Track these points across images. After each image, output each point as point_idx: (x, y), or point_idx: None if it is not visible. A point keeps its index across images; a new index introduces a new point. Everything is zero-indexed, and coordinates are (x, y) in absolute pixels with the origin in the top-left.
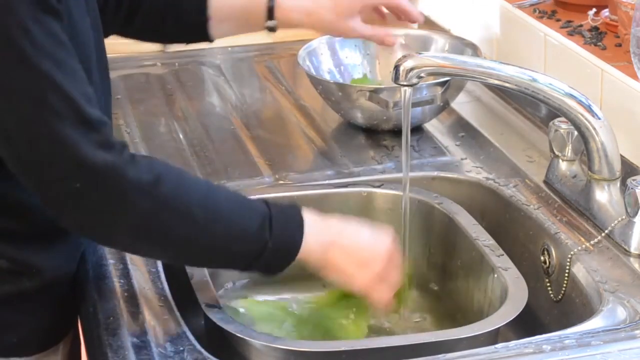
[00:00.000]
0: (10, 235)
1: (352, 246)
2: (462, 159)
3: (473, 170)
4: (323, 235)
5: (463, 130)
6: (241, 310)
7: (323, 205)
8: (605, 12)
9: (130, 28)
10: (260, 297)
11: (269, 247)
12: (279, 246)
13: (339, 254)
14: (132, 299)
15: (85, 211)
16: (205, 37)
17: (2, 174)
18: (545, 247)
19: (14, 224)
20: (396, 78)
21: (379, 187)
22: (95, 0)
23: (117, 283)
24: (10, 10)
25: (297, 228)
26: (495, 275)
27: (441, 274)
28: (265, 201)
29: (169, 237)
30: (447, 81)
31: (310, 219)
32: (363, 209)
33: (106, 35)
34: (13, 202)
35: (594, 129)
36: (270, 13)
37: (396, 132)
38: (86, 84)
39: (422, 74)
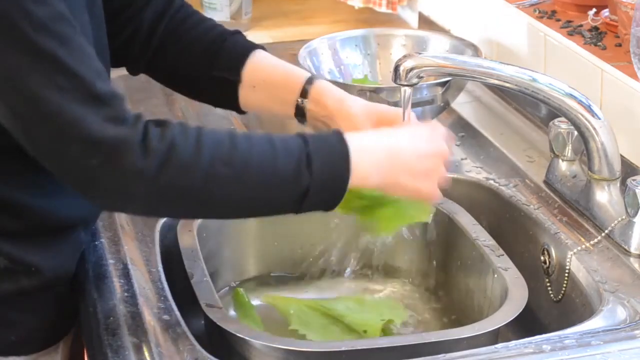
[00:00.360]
0: (9, 234)
1: (411, 161)
2: (462, 159)
3: (473, 170)
4: (375, 159)
5: (463, 130)
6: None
7: None
8: (605, 12)
9: (157, 69)
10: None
11: (311, 188)
12: (324, 184)
13: (398, 172)
14: (132, 299)
15: (105, 187)
16: (235, 101)
17: (3, 173)
18: (545, 247)
19: (13, 223)
20: (396, 78)
21: None
22: (100, 4)
23: (117, 283)
24: None
25: (341, 159)
26: (495, 275)
27: (441, 274)
28: (303, 136)
29: (196, 200)
30: (447, 81)
31: (357, 144)
32: None
33: (134, 74)
34: (12, 201)
35: (594, 129)
36: (305, 92)
37: None
38: (94, 59)
39: (422, 74)
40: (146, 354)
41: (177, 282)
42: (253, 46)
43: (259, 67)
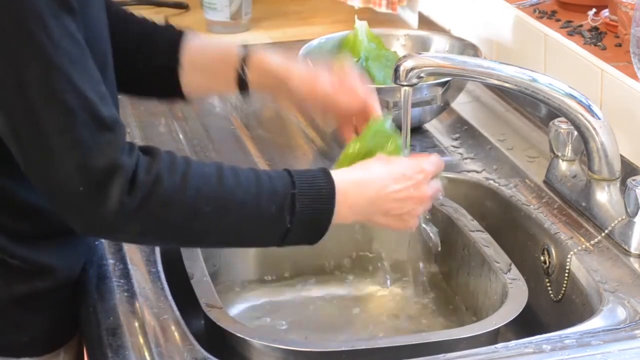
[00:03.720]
0: (22, 236)
1: (388, 205)
2: (462, 159)
3: (473, 170)
4: (355, 203)
5: (463, 130)
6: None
7: None
8: (605, 12)
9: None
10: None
11: (292, 229)
12: (305, 226)
13: (374, 213)
14: (132, 299)
15: (86, 214)
16: (177, 86)
17: (14, 174)
18: (545, 247)
19: (26, 225)
20: (396, 78)
21: None
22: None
23: (117, 283)
24: (30, 5)
25: (326, 201)
26: (495, 276)
27: (441, 274)
28: (290, 174)
29: (176, 234)
30: (447, 81)
31: (342, 189)
32: None
33: None
34: (25, 203)
35: (594, 129)
36: (244, 59)
37: None
38: (101, 83)
39: (422, 74)
40: (146, 354)
41: (177, 282)
42: (183, 31)
43: (195, 48)
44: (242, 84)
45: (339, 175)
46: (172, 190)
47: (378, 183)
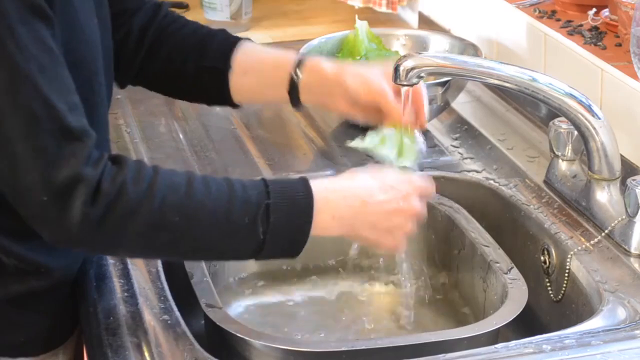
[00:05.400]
0: (18, 235)
1: (375, 217)
2: (462, 159)
3: (473, 170)
4: (338, 212)
5: (463, 130)
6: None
7: None
8: (605, 12)
9: (149, 69)
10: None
11: (267, 240)
12: (282, 235)
13: (360, 226)
14: (132, 299)
15: (50, 224)
16: (227, 91)
17: None
18: (545, 247)
19: (22, 224)
20: (396, 78)
21: None
22: (107, 3)
23: (117, 283)
24: None
25: (303, 212)
26: (495, 275)
27: (441, 274)
28: (266, 184)
29: (146, 245)
30: (447, 81)
31: (322, 195)
32: None
33: (123, 85)
34: None
35: (594, 128)
36: (299, 64)
37: None
38: (72, 93)
39: (422, 74)
40: (146, 354)
41: (177, 282)
42: (241, 38)
43: (249, 53)
44: (294, 91)
45: (320, 184)
46: (136, 199)
47: (364, 192)
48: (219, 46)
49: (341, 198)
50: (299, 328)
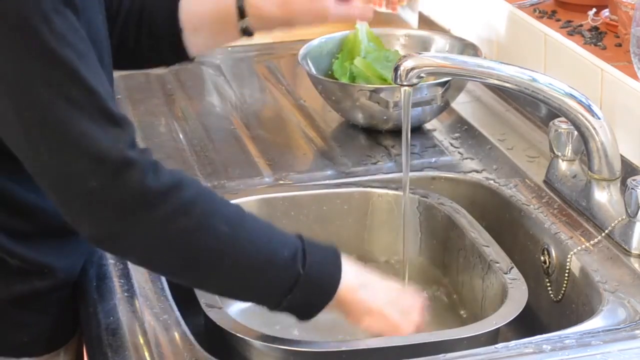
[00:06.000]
0: (22, 235)
1: (394, 292)
2: (462, 159)
3: (473, 170)
4: (362, 275)
5: (463, 130)
6: None
7: (323, 205)
8: (605, 12)
9: (123, 48)
10: None
11: (302, 277)
12: (314, 278)
13: (381, 297)
14: (132, 299)
15: (100, 214)
16: (183, 51)
17: (14, 174)
18: (545, 247)
19: (25, 224)
20: (396, 78)
21: (378, 187)
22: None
23: (117, 283)
24: (32, 1)
25: (333, 261)
26: (495, 275)
27: (441, 274)
28: (299, 235)
29: (189, 249)
30: (447, 81)
31: (346, 258)
32: (363, 209)
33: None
34: (24, 202)
35: (594, 128)
36: (242, 12)
37: (396, 132)
38: (106, 82)
39: (422, 74)
40: (146, 354)
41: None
42: None
43: (191, 8)
44: (244, 25)
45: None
46: (191, 195)
47: (372, 286)
48: (163, 13)
49: (358, 265)
50: (299, 328)
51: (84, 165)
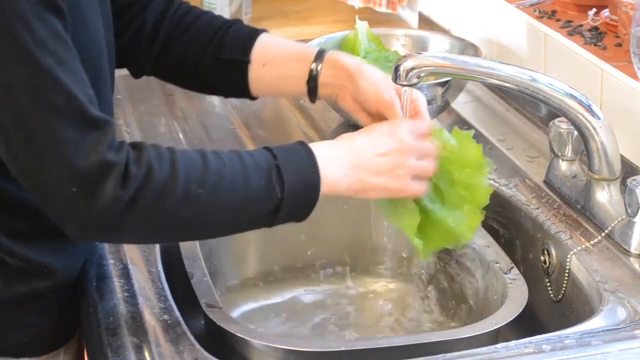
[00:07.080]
0: (22, 236)
1: (373, 162)
2: None
3: None
4: (340, 166)
5: (463, 130)
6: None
7: (322, 204)
8: (605, 12)
9: (165, 62)
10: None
11: (285, 199)
12: (296, 195)
13: (363, 175)
14: (132, 299)
15: (81, 215)
16: (245, 84)
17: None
18: (545, 247)
19: (25, 224)
20: (396, 78)
21: None
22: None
23: (117, 283)
24: (13, 6)
25: (310, 169)
26: (495, 275)
27: (441, 274)
28: (270, 149)
29: (173, 224)
30: (447, 81)
31: (322, 154)
32: (363, 208)
33: (139, 75)
34: (24, 203)
35: (594, 129)
36: (319, 56)
37: None
38: (88, 86)
39: (422, 74)
40: (146, 354)
41: (177, 282)
42: (259, 30)
43: (268, 45)
44: (312, 83)
45: (316, 144)
46: (163, 179)
47: (354, 142)
48: (237, 38)
49: (338, 153)
50: (299, 328)
51: (64, 172)
